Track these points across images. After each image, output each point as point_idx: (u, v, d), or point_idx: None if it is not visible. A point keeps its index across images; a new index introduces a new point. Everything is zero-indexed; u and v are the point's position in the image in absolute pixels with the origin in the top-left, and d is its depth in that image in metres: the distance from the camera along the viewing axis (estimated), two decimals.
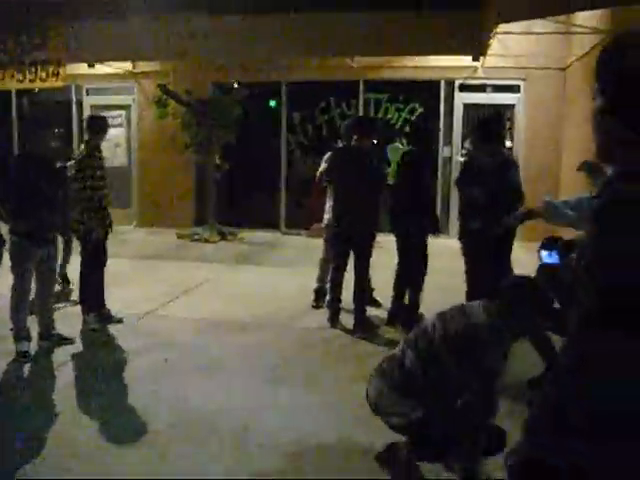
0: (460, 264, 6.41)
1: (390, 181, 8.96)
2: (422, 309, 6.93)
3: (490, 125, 6.41)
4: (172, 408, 4.95)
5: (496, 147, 6.33)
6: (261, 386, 5.43)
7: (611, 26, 9.46)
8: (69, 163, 7.43)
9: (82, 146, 7.14)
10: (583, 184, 6.44)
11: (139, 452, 4.30)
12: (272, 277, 9.63)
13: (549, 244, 4.58)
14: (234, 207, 14.11)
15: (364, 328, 7.02)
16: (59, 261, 7.34)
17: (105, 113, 13.96)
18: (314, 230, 13.18)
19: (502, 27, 9.56)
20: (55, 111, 14.76)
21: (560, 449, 1.70)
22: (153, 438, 4.49)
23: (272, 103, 14.09)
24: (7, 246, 5.93)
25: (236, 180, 13.82)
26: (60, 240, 7.17)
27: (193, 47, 11.96)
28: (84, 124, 7.24)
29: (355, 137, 7.21)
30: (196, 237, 12.59)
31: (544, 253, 4.32)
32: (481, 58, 11.95)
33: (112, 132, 10.51)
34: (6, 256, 5.93)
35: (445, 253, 7.66)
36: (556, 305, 4.36)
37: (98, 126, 7.09)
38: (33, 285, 6.23)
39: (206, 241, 12.45)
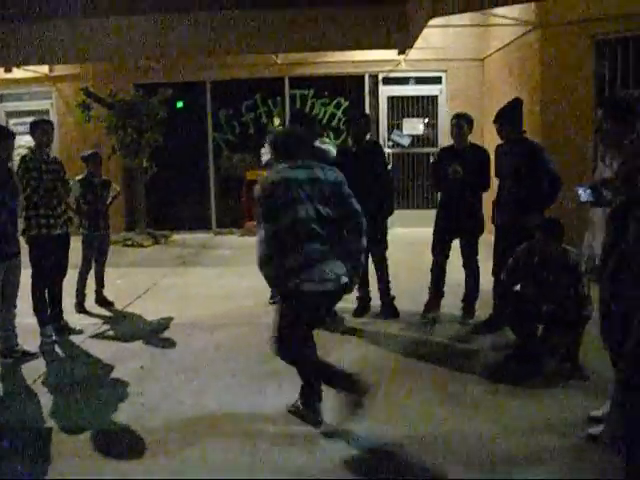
0: None
1: None
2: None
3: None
4: (165, 415, 4.90)
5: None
6: (249, 383, 5.43)
7: (533, 17, 9.85)
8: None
9: (27, 150, 6.95)
10: None
11: (143, 462, 4.22)
12: (216, 277, 9.58)
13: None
14: (164, 210, 13.91)
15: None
16: None
17: (21, 119, 13.63)
18: (247, 228, 13.18)
19: None
20: None
21: None
22: (153, 446, 4.40)
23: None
24: None
25: (164, 182, 13.61)
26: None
27: (113, 48, 11.74)
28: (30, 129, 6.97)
29: None
30: (128, 242, 12.35)
31: (580, 190, 4.44)
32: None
33: (28, 139, 10.03)
34: None
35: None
36: None
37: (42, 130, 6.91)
38: None
39: (140, 246, 12.24)
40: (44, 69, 13.51)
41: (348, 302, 7.40)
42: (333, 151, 7.19)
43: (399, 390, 5.21)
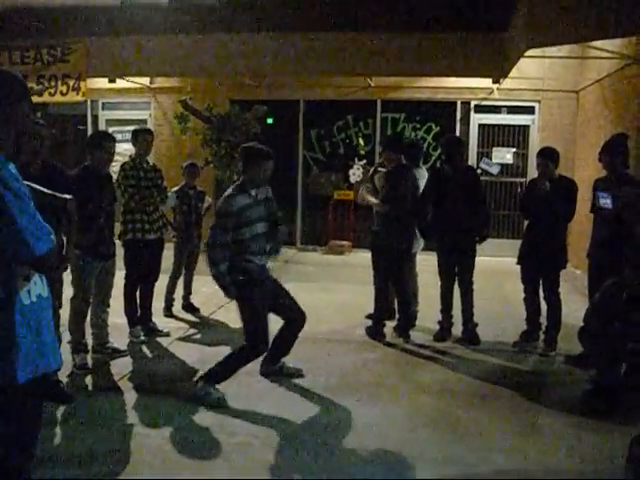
0: None
1: None
2: None
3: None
4: (246, 419, 5.06)
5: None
6: (322, 394, 5.56)
7: (632, 51, 9.69)
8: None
9: (127, 158, 7.28)
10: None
11: (224, 464, 4.36)
12: (301, 292, 9.64)
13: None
14: None
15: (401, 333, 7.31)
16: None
17: (120, 127, 14.17)
18: (331, 247, 13.36)
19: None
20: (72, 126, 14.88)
21: None
22: (238, 450, 4.54)
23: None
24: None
25: None
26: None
27: (214, 64, 12.15)
28: (132, 137, 7.30)
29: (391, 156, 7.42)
30: None
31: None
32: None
33: (126, 147, 10.40)
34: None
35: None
36: None
37: (143, 139, 7.24)
38: None
39: None
40: (145, 80, 14.05)
41: (430, 325, 7.48)
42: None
43: (476, 418, 5.22)
